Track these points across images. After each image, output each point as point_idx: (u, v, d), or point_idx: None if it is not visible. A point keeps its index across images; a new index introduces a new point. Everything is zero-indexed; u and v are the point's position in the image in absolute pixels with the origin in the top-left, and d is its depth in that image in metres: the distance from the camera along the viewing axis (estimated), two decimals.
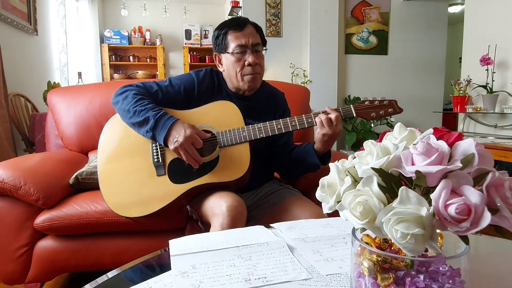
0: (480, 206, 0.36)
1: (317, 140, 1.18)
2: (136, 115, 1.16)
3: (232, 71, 1.27)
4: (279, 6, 4.10)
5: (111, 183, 1.23)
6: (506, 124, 2.73)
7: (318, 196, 0.47)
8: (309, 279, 0.58)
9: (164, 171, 1.20)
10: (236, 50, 1.24)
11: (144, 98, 1.20)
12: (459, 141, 0.40)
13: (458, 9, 5.54)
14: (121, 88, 1.25)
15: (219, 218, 1.07)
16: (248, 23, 1.28)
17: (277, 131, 1.18)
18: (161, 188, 1.19)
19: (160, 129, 1.13)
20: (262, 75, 1.32)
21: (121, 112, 1.21)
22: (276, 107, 1.40)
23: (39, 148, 2.49)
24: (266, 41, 1.33)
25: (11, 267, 1.32)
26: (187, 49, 5.57)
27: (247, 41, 1.24)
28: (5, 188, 1.25)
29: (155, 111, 1.15)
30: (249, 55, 1.24)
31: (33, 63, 3.42)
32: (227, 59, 1.28)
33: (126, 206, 1.20)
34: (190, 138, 1.12)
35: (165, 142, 1.14)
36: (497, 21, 2.71)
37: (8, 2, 2.88)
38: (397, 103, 1.18)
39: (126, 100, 1.19)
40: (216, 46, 1.31)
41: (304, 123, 1.18)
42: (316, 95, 3.70)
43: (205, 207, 1.18)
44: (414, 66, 4.43)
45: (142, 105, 1.17)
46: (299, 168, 1.29)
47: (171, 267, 0.63)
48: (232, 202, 1.09)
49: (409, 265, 0.42)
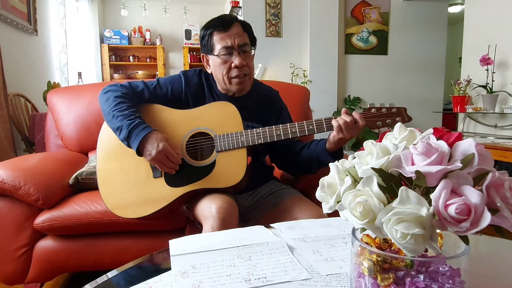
0: (480, 206, 0.36)
1: (331, 142, 1.16)
2: (114, 119, 1.14)
3: (219, 74, 1.25)
4: (279, 6, 4.10)
5: (109, 182, 1.23)
6: (506, 124, 2.73)
7: (318, 196, 0.47)
8: (309, 279, 0.58)
9: (160, 173, 1.19)
10: (222, 52, 1.21)
11: (124, 102, 1.17)
12: (459, 141, 0.40)
13: (458, 9, 5.54)
14: (107, 87, 1.23)
15: (209, 221, 1.07)
16: (234, 21, 1.23)
17: (276, 138, 1.15)
18: (157, 190, 1.19)
19: (133, 140, 1.11)
20: (251, 75, 1.29)
21: (103, 113, 1.20)
22: (272, 106, 1.37)
23: (39, 148, 2.49)
24: (256, 39, 1.29)
25: (11, 267, 1.32)
26: (187, 49, 5.58)
27: (233, 42, 1.20)
28: (5, 188, 1.25)
29: (130, 120, 1.12)
30: (236, 57, 1.20)
31: (33, 63, 3.41)
32: (213, 61, 1.25)
33: (122, 206, 1.20)
34: (162, 152, 1.11)
35: (139, 153, 1.13)
36: (497, 21, 2.71)
37: (8, 2, 2.88)
38: (406, 111, 1.13)
39: (108, 102, 1.18)
40: (202, 47, 1.28)
41: (304, 130, 1.14)
42: (316, 95, 3.69)
43: (197, 210, 1.18)
44: (414, 66, 4.43)
45: (119, 109, 1.14)
46: (312, 166, 1.27)
47: (171, 267, 0.63)
48: (221, 204, 1.09)
49: (409, 265, 0.42)
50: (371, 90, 4.35)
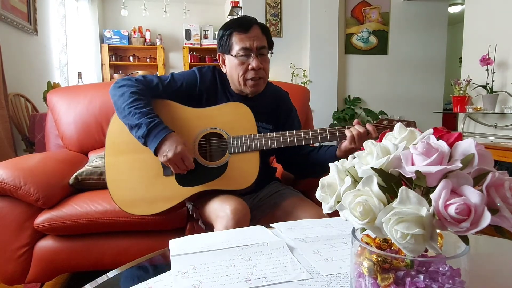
0: (480, 206, 0.36)
1: (341, 150, 1.17)
2: (131, 116, 1.13)
3: (234, 74, 1.25)
4: (279, 6, 4.10)
5: (118, 177, 1.21)
6: (506, 124, 2.73)
7: (318, 196, 0.47)
8: (309, 279, 0.58)
9: (171, 171, 1.18)
10: (240, 53, 1.21)
11: (141, 99, 1.16)
12: (459, 141, 0.40)
13: (458, 9, 5.54)
14: (121, 81, 1.22)
15: (223, 221, 1.07)
16: (254, 24, 1.23)
17: (289, 144, 1.17)
18: (167, 189, 1.18)
19: (152, 139, 1.11)
20: (266, 79, 1.29)
21: (116, 107, 1.19)
22: (281, 108, 1.38)
23: (39, 148, 2.49)
24: (273, 43, 1.29)
25: (11, 267, 1.32)
26: (187, 49, 5.58)
27: (252, 44, 1.20)
28: (5, 188, 1.25)
29: (149, 119, 1.12)
30: (253, 59, 1.21)
31: (33, 63, 3.42)
32: (230, 61, 1.25)
33: (131, 203, 1.19)
34: (179, 155, 1.11)
35: (155, 152, 1.13)
36: (497, 21, 2.71)
37: (8, 2, 2.88)
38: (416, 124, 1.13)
39: (123, 98, 1.16)
40: (220, 46, 1.28)
41: (318, 138, 1.16)
42: (316, 95, 3.70)
43: (209, 209, 1.17)
44: (414, 66, 4.42)
45: (137, 107, 1.13)
46: (318, 170, 1.27)
47: (171, 267, 0.63)
48: (236, 205, 1.10)
49: (409, 265, 0.42)
50: (371, 90, 4.35)
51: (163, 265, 0.66)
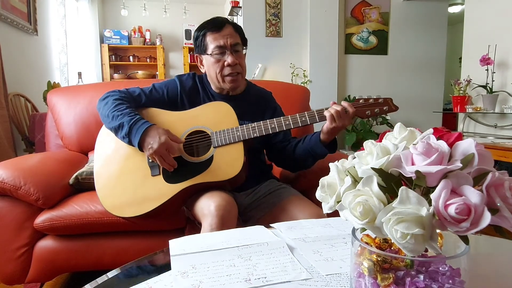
0: (480, 206, 0.36)
1: (324, 132, 1.18)
2: (114, 120, 1.17)
3: (212, 72, 1.29)
4: (279, 6, 4.10)
5: (107, 186, 1.24)
6: (506, 124, 2.73)
7: (318, 196, 0.47)
8: (309, 279, 0.58)
9: (158, 171, 1.20)
10: (215, 51, 1.26)
11: (123, 103, 1.21)
12: (459, 141, 0.40)
13: (458, 9, 5.54)
14: (105, 94, 1.28)
15: (208, 219, 1.08)
16: (226, 23, 1.28)
17: (271, 131, 1.19)
18: (155, 188, 1.19)
19: (135, 134, 1.14)
20: (244, 74, 1.33)
21: (103, 118, 1.23)
22: (266, 107, 1.41)
23: (39, 148, 2.49)
24: (247, 40, 1.34)
25: (11, 267, 1.32)
26: (187, 49, 5.58)
27: (226, 42, 1.25)
28: (5, 188, 1.25)
29: (130, 116, 1.16)
30: (228, 56, 1.25)
31: (33, 63, 3.41)
32: (207, 60, 1.30)
33: (120, 206, 1.21)
34: (164, 144, 1.12)
35: (140, 148, 1.15)
36: (497, 21, 2.71)
37: (8, 2, 2.88)
38: (392, 101, 1.18)
39: (107, 106, 1.21)
40: (196, 48, 1.33)
41: (298, 122, 1.18)
42: (316, 95, 3.69)
43: (196, 209, 1.18)
44: (414, 66, 4.42)
45: (119, 110, 1.18)
46: (308, 160, 1.29)
47: (171, 267, 0.63)
48: (220, 202, 1.10)
49: (409, 265, 0.42)
50: (371, 90, 4.35)
51: (163, 265, 0.66)
